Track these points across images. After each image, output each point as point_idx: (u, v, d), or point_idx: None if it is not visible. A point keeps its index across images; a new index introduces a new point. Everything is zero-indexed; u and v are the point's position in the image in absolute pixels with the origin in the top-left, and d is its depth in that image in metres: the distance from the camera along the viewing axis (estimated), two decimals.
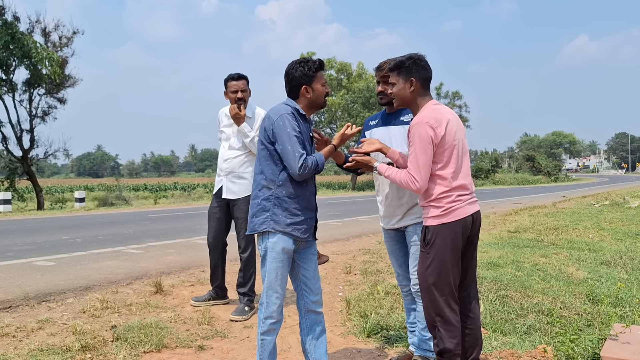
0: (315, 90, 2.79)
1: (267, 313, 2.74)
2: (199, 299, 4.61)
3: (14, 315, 4.23)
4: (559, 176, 62.95)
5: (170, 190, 42.92)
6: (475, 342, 2.84)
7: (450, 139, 2.69)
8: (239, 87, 4.38)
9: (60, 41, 22.61)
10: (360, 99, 38.49)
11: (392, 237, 3.30)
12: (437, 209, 2.72)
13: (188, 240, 8.61)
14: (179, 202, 24.93)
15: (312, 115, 2.98)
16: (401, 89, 2.79)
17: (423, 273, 2.76)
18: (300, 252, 2.85)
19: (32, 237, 9.05)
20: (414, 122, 2.70)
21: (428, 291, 2.74)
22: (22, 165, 21.59)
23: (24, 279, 5.51)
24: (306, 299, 2.88)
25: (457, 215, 2.71)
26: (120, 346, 3.44)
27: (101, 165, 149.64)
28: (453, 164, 2.71)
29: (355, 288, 5.20)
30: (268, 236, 2.72)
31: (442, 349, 2.72)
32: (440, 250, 2.70)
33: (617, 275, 5.82)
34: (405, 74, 2.77)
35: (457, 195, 2.72)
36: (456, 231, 2.71)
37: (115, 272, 5.91)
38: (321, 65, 2.81)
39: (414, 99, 2.79)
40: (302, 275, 2.87)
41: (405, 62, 2.76)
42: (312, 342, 2.90)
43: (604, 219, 11.45)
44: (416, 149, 2.66)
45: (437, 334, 2.74)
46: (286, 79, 2.81)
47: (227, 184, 4.45)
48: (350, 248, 7.83)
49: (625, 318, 4.09)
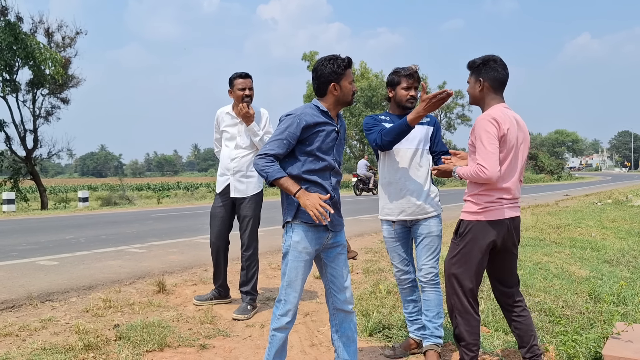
0: (343, 88, 2.78)
1: (283, 311, 2.72)
2: (201, 297, 4.63)
3: (17, 314, 4.25)
4: (561, 175, 62.79)
5: (173, 189, 43.02)
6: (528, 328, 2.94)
7: (509, 142, 2.76)
8: (247, 85, 4.37)
9: (63, 41, 22.69)
10: (363, 98, 38.47)
11: (397, 232, 3.38)
12: (475, 205, 2.82)
13: (191, 240, 8.63)
14: (182, 201, 24.97)
15: None
16: (471, 88, 2.94)
17: (448, 261, 2.91)
18: (327, 250, 2.83)
19: (36, 237, 9.09)
20: (479, 118, 2.80)
21: (449, 280, 2.89)
22: (25, 165, 21.66)
23: (27, 278, 5.53)
24: (335, 298, 2.85)
25: (492, 215, 2.80)
26: (123, 345, 3.46)
27: (104, 165, 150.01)
28: (505, 165, 2.77)
29: (358, 287, 5.20)
30: (292, 235, 2.71)
31: (458, 334, 2.88)
32: (469, 245, 2.81)
33: (620, 273, 5.82)
34: (475, 74, 2.89)
35: (497, 197, 2.80)
36: (490, 230, 2.79)
37: (118, 272, 5.93)
38: (349, 63, 2.80)
39: (483, 98, 2.89)
40: (329, 274, 2.85)
41: (477, 62, 2.88)
42: (342, 339, 2.87)
43: (607, 218, 11.42)
44: (483, 140, 2.72)
45: (455, 321, 2.89)
46: (314, 75, 2.79)
47: (235, 183, 4.45)
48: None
49: (628, 316, 4.09)
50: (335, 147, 2.81)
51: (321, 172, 2.74)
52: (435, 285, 3.31)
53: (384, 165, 3.38)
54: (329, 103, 2.79)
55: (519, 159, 2.85)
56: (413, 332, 3.46)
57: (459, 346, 2.90)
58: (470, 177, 2.78)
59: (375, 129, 3.29)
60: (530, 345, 2.93)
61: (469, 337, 2.84)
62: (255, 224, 4.46)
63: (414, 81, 3.31)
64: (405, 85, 3.31)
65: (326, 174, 2.76)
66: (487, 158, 2.69)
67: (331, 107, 2.80)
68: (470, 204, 2.86)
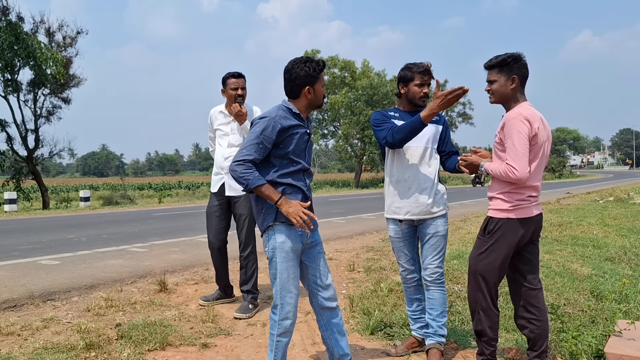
0: (316, 92, 2.76)
1: (282, 315, 2.71)
2: (207, 298, 4.63)
3: (19, 314, 4.26)
4: (563, 172, 62.72)
5: (175, 189, 43.09)
6: (543, 334, 2.94)
7: (539, 139, 2.76)
8: (239, 85, 4.39)
9: (64, 41, 22.74)
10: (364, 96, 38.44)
11: (404, 231, 3.35)
12: (506, 202, 2.82)
13: (192, 239, 8.63)
14: (183, 200, 24.98)
15: (316, 113, 3.00)
16: (502, 86, 2.86)
17: (475, 258, 2.91)
18: (307, 252, 2.84)
19: (37, 236, 9.10)
20: (511, 117, 2.76)
21: (475, 276, 2.90)
22: (27, 165, 21.69)
23: (29, 277, 5.54)
24: (319, 297, 2.86)
25: (523, 213, 2.82)
26: (125, 344, 3.46)
27: (106, 164, 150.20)
28: (534, 164, 2.78)
29: (359, 285, 5.20)
30: (276, 237, 2.69)
31: (480, 330, 2.91)
32: (499, 242, 2.82)
33: (622, 271, 5.81)
34: (507, 72, 2.85)
35: (527, 195, 2.82)
36: (519, 228, 2.82)
37: (119, 271, 5.93)
38: (323, 66, 2.80)
39: (514, 95, 2.86)
40: (311, 275, 2.85)
41: (507, 59, 2.84)
42: (333, 336, 2.91)
43: (609, 215, 11.41)
44: (514, 140, 2.71)
45: (477, 316, 2.91)
46: (287, 77, 2.74)
47: (229, 181, 4.45)
48: (354, 246, 7.84)
49: (630, 314, 4.08)
50: (307, 149, 2.82)
51: (295, 174, 2.74)
52: (440, 284, 3.30)
53: (392, 163, 3.32)
54: (301, 105, 2.77)
55: (545, 157, 2.87)
56: (415, 330, 3.46)
57: (479, 341, 2.94)
58: (499, 175, 2.78)
59: (385, 126, 3.23)
60: (542, 351, 2.93)
61: (491, 332, 2.89)
62: (252, 221, 4.46)
63: (428, 78, 3.26)
64: (418, 82, 3.25)
65: (300, 175, 2.77)
66: (517, 159, 2.69)
67: (303, 110, 2.78)
68: (500, 201, 2.84)
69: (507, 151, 2.74)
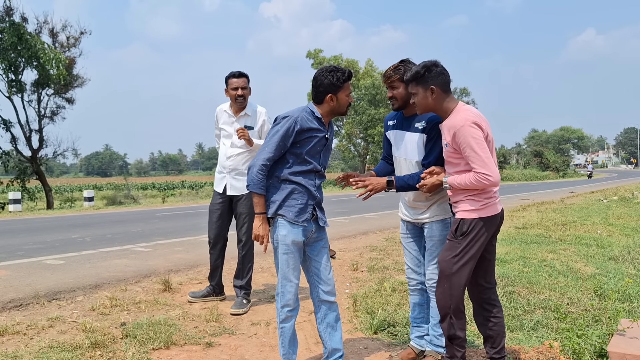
0: (339, 100, 2.90)
1: (283, 302, 2.88)
2: (196, 294, 4.66)
3: (24, 313, 4.29)
4: (567, 172, 62.58)
5: (178, 188, 43.18)
6: (502, 330, 2.98)
7: (490, 138, 2.79)
8: (240, 85, 4.42)
9: (67, 41, 22.80)
10: (367, 96, 38.45)
11: (411, 230, 3.33)
12: (477, 202, 2.81)
13: (196, 238, 8.66)
14: (186, 200, 25.03)
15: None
16: (422, 98, 2.82)
17: (448, 261, 2.83)
18: (311, 244, 2.98)
19: (42, 236, 9.14)
20: (459, 124, 2.70)
21: (448, 279, 2.83)
22: (31, 165, 21.79)
23: (34, 277, 5.57)
24: (319, 290, 3.00)
25: (492, 210, 2.83)
26: (130, 343, 3.48)
27: (110, 164, 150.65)
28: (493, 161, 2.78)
29: (362, 285, 5.21)
30: (279, 229, 2.86)
31: (453, 334, 2.87)
32: (472, 243, 2.81)
33: (625, 270, 5.80)
34: (423, 84, 2.80)
35: (493, 193, 2.84)
36: (491, 226, 2.84)
37: (124, 270, 5.96)
38: (349, 77, 2.91)
39: (438, 104, 2.82)
40: (314, 268, 3.00)
41: (420, 71, 2.79)
42: (327, 330, 3.03)
43: (612, 215, 11.39)
44: (473, 147, 2.68)
45: (449, 321, 2.86)
46: (314, 83, 2.92)
47: (231, 181, 4.51)
48: (357, 245, 7.85)
49: (633, 313, 4.08)
50: (323, 152, 2.96)
51: (307, 174, 2.90)
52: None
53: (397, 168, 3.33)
54: (324, 111, 2.92)
55: (494, 152, 2.88)
56: (414, 339, 3.36)
57: (451, 345, 2.89)
58: (470, 185, 2.73)
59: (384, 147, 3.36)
60: (502, 347, 2.97)
61: (462, 334, 2.88)
62: (252, 220, 4.48)
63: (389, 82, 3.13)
64: (385, 86, 3.24)
65: (311, 175, 2.93)
66: (485, 165, 2.67)
67: (325, 115, 2.93)
68: (467, 203, 2.81)
69: (471, 160, 2.70)
